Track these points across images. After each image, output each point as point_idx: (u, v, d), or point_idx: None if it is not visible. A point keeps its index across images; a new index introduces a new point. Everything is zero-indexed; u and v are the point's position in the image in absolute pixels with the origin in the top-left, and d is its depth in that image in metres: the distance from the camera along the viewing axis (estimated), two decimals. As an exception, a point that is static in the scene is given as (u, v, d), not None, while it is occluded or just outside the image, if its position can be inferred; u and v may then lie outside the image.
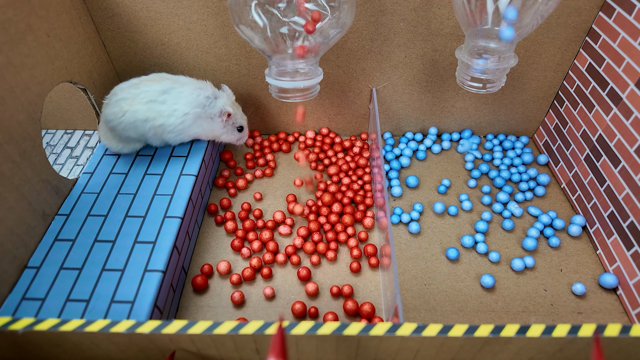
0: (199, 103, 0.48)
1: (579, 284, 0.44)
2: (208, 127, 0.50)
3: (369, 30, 0.51)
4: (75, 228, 0.42)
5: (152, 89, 0.47)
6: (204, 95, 0.48)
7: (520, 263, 0.46)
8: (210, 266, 0.46)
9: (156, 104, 0.47)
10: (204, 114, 0.49)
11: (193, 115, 0.48)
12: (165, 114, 0.47)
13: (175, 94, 0.47)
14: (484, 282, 0.45)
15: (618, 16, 0.45)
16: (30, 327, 0.27)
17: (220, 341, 0.27)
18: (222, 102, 0.49)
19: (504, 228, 0.51)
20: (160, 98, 0.47)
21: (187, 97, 0.47)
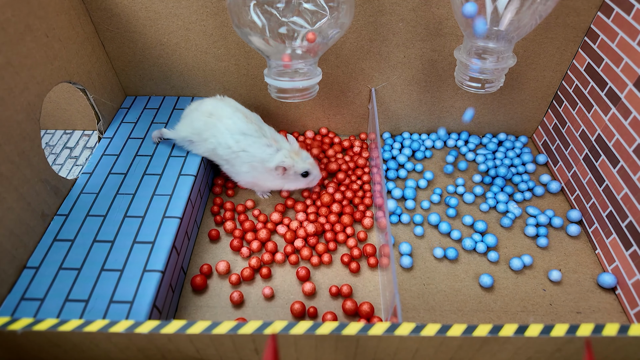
0: (261, 159, 0.48)
1: (555, 271, 0.45)
2: (267, 178, 0.50)
3: (368, 30, 0.51)
4: (75, 228, 0.42)
5: (237, 125, 0.48)
6: (268, 152, 0.48)
7: (519, 263, 0.46)
8: (209, 266, 0.46)
9: (231, 140, 0.48)
10: (261, 168, 0.49)
11: (249, 167, 0.49)
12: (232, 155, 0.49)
13: (249, 141, 0.48)
14: (482, 282, 0.45)
15: (617, 16, 0.45)
16: (29, 327, 0.27)
17: (219, 341, 0.27)
18: (281, 155, 0.48)
19: (503, 227, 0.51)
20: (236, 137, 0.48)
21: (255, 150, 0.48)
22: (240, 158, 0.48)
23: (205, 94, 0.59)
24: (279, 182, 0.50)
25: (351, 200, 0.53)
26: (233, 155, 0.48)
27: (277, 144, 0.49)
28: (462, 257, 0.48)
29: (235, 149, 0.48)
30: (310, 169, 0.50)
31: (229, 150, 0.48)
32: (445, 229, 0.50)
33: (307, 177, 0.50)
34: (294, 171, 0.49)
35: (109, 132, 0.53)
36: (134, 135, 0.52)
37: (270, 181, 0.50)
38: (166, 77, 0.57)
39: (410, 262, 0.46)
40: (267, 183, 0.50)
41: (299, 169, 0.49)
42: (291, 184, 0.50)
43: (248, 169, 0.49)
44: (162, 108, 0.57)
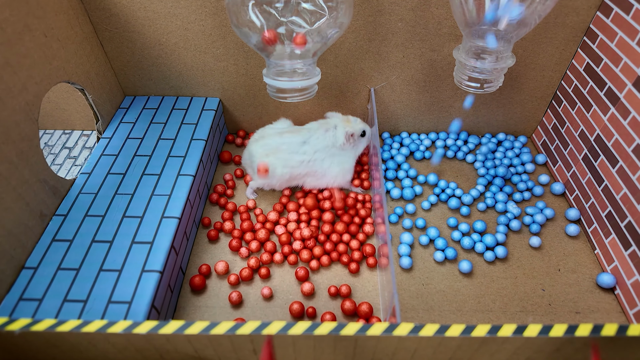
0: (333, 144, 0.51)
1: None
2: (348, 155, 0.52)
3: (367, 30, 0.51)
4: (73, 228, 0.42)
5: (291, 140, 0.51)
6: (331, 134, 0.51)
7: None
8: (208, 266, 0.46)
9: (298, 155, 0.50)
10: (338, 151, 0.51)
11: (330, 161, 0.51)
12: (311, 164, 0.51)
13: (313, 142, 0.51)
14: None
15: (616, 16, 0.45)
16: (27, 328, 0.27)
17: (217, 341, 0.27)
18: (341, 129, 0.51)
19: (502, 228, 0.51)
20: (302, 149, 0.50)
21: (322, 143, 0.51)
22: (319, 160, 0.51)
23: (205, 93, 0.59)
24: (354, 152, 0.53)
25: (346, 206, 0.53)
26: (311, 164, 0.51)
27: (326, 125, 0.51)
28: (461, 257, 0.48)
29: (308, 157, 0.50)
30: (365, 128, 0.52)
31: (305, 163, 0.50)
32: (444, 229, 0.50)
33: (364, 135, 0.53)
34: (356, 135, 0.51)
35: (108, 132, 0.53)
36: (133, 135, 0.52)
37: (351, 157, 0.52)
38: (165, 77, 0.57)
39: (409, 262, 0.46)
40: (351, 161, 0.52)
41: (358, 129, 0.51)
42: (359, 148, 0.53)
43: (330, 163, 0.51)
44: (161, 108, 0.57)
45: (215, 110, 0.57)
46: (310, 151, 0.50)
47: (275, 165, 0.50)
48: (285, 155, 0.50)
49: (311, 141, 0.50)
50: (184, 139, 0.52)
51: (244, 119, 0.62)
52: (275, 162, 0.50)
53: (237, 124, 0.63)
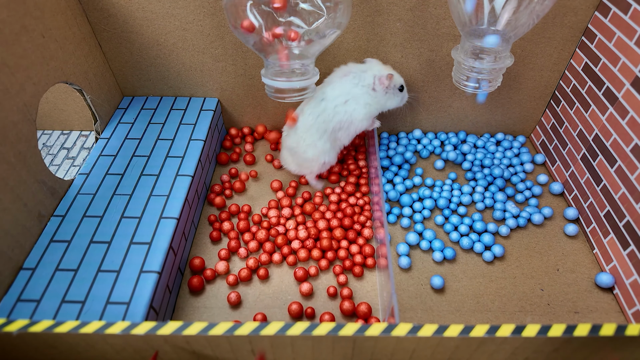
0: (368, 84, 0.49)
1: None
2: (373, 101, 0.49)
3: (365, 30, 0.51)
4: (71, 229, 0.42)
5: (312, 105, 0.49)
6: (351, 78, 0.49)
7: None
8: (204, 264, 0.46)
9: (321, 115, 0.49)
10: (367, 90, 0.49)
11: (363, 103, 0.49)
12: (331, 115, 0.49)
13: (329, 91, 0.49)
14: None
15: (614, 16, 0.45)
16: (25, 329, 0.27)
17: (215, 342, 0.27)
18: (375, 69, 0.49)
19: (501, 228, 0.51)
20: (321, 106, 0.49)
21: (341, 89, 0.49)
22: (340, 106, 0.49)
23: (203, 94, 0.58)
24: (383, 101, 0.50)
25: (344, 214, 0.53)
26: (336, 116, 0.49)
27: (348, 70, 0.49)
28: (460, 257, 0.48)
29: (341, 100, 0.48)
30: (403, 82, 0.51)
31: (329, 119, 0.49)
32: (442, 229, 0.50)
33: (402, 91, 0.51)
34: (393, 84, 0.49)
35: (106, 133, 0.53)
36: (131, 136, 0.52)
37: (380, 103, 0.50)
38: (163, 78, 0.57)
39: (408, 262, 0.46)
40: (379, 106, 0.50)
41: (396, 81, 0.50)
42: (392, 101, 0.51)
43: (355, 105, 0.49)
44: (159, 108, 0.57)
45: (213, 110, 0.57)
46: (330, 105, 0.49)
47: (314, 141, 0.49)
48: (318, 126, 0.49)
49: (327, 94, 0.49)
50: (182, 139, 0.52)
51: (243, 119, 0.62)
52: (307, 137, 0.49)
53: (235, 124, 0.63)
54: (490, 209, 0.53)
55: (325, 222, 0.49)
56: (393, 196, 0.54)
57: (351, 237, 0.48)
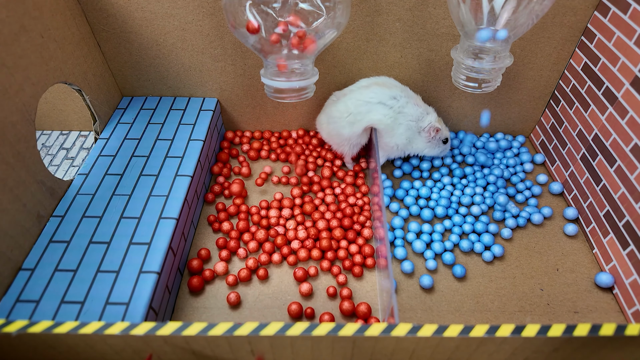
0: (416, 116, 0.52)
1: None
2: (413, 139, 0.53)
3: (364, 30, 0.51)
4: (70, 229, 0.42)
5: (383, 92, 0.51)
6: (420, 110, 0.52)
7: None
8: (205, 265, 0.46)
9: (384, 107, 0.51)
10: (415, 127, 0.52)
11: (405, 127, 0.52)
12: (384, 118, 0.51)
13: (402, 102, 0.51)
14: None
15: (613, 15, 0.45)
16: (24, 330, 0.27)
17: (215, 342, 0.27)
18: (432, 117, 0.52)
19: (503, 231, 0.51)
20: (389, 102, 0.51)
21: (409, 110, 0.51)
22: (398, 119, 0.51)
23: (202, 94, 0.58)
24: (422, 145, 0.53)
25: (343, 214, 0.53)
26: (392, 119, 0.51)
27: (425, 107, 0.52)
28: (459, 258, 0.48)
29: (395, 110, 0.51)
30: (449, 136, 0.54)
31: (390, 112, 0.51)
32: (442, 229, 0.50)
33: (445, 144, 0.54)
34: (438, 136, 0.52)
35: (106, 133, 0.53)
36: (131, 136, 0.52)
37: (417, 143, 0.53)
38: (163, 78, 0.57)
39: (407, 263, 0.46)
40: (414, 145, 0.53)
41: (444, 135, 0.53)
42: (432, 149, 0.54)
43: (404, 130, 0.51)
44: (158, 108, 0.57)
45: (213, 110, 0.57)
46: (396, 107, 0.51)
47: (355, 121, 0.51)
48: (367, 106, 0.51)
49: (401, 101, 0.51)
50: (181, 139, 0.52)
51: (242, 119, 0.62)
52: (355, 118, 0.51)
53: (235, 124, 0.63)
54: (490, 208, 0.53)
55: (324, 222, 0.49)
56: (392, 196, 0.54)
57: (351, 237, 0.48)
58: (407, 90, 0.52)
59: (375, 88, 0.51)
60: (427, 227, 0.51)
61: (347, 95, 0.52)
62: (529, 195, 0.54)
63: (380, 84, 0.52)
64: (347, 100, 0.52)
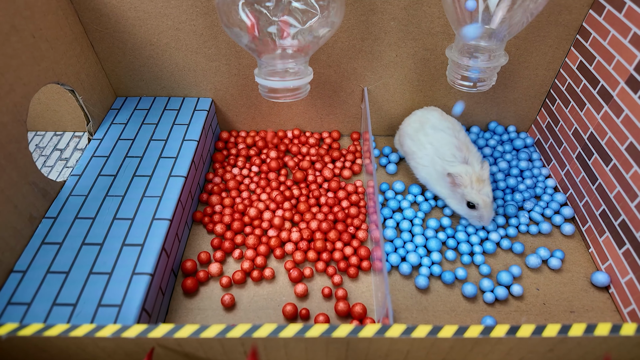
0: (443, 157, 0.48)
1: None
2: (439, 181, 0.49)
3: (359, 29, 0.51)
4: (63, 231, 0.42)
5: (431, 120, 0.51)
6: (452, 153, 0.47)
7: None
8: (197, 266, 0.46)
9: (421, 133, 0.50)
10: (439, 166, 0.48)
11: (430, 160, 0.49)
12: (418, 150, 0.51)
13: (438, 137, 0.49)
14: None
15: (608, 14, 0.45)
16: (14, 333, 0.26)
17: (208, 345, 0.27)
18: (462, 169, 0.46)
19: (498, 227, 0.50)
20: (427, 130, 0.50)
21: (442, 148, 0.48)
22: (426, 149, 0.50)
23: (197, 94, 0.58)
24: (445, 191, 0.48)
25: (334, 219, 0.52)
26: (419, 147, 0.50)
27: (469, 155, 0.47)
28: (457, 257, 0.48)
29: (423, 141, 0.50)
30: (479, 204, 0.45)
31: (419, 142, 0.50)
32: (438, 228, 0.50)
33: (471, 209, 0.46)
34: (461, 192, 0.46)
35: (99, 134, 0.52)
36: (124, 137, 0.52)
37: (439, 186, 0.49)
38: (157, 78, 0.56)
39: (408, 267, 0.46)
40: (436, 186, 0.50)
41: (466, 194, 0.45)
42: (454, 203, 0.48)
43: (428, 162, 0.49)
44: (152, 109, 0.56)
45: (207, 110, 0.56)
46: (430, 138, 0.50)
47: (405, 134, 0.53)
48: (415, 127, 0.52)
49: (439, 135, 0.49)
50: (175, 139, 0.52)
51: (237, 119, 0.62)
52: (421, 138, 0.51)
53: (230, 124, 0.63)
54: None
55: (319, 223, 0.49)
56: (389, 197, 0.53)
57: (346, 239, 0.48)
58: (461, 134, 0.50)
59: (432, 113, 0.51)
60: (423, 228, 0.50)
61: None
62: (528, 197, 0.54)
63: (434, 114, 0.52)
64: None
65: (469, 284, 0.44)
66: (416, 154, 0.51)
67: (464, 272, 0.45)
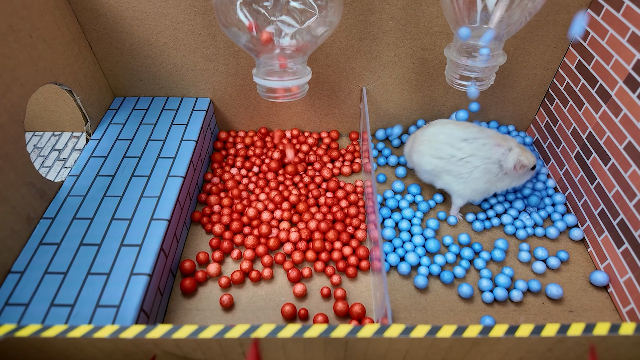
0: (497, 160, 0.47)
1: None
2: (502, 179, 0.48)
3: (357, 29, 0.51)
4: (61, 231, 0.42)
5: (454, 134, 0.48)
6: (501, 151, 0.47)
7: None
8: (195, 266, 0.46)
9: (452, 149, 0.48)
10: (496, 169, 0.47)
11: (483, 171, 0.47)
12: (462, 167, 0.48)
13: (476, 145, 0.47)
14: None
15: (606, 13, 0.45)
16: (11, 334, 0.26)
17: (206, 345, 0.27)
18: (515, 153, 0.47)
19: (497, 227, 0.50)
20: (458, 145, 0.48)
21: (486, 152, 0.47)
22: (471, 163, 0.47)
23: (195, 94, 0.58)
24: (508, 181, 0.49)
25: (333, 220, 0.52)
26: (460, 164, 0.48)
27: (506, 142, 0.47)
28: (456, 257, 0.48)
29: (460, 156, 0.47)
30: (536, 162, 0.49)
31: (454, 159, 0.48)
32: (435, 227, 0.50)
33: (533, 170, 0.49)
34: (527, 167, 0.47)
35: (97, 134, 0.52)
36: (123, 137, 0.52)
37: (502, 182, 0.49)
38: (155, 78, 0.56)
39: (407, 267, 0.46)
40: (498, 185, 0.49)
41: (531, 162, 0.48)
42: (519, 180, 0.49)
43: (481, 173, 0.48)
44: (150, 109, 0.56)
45: (205, 110, 0.56)
46: (467, 150, 0.47)
47: (424, 152, 0.49)
48: (437, 145, 0.48)
49: (475, 142, 0.47)
50: (174, 139, 0.52)
51: (236, 119, 0.62)
52: (424, 150, 0.49)
53: (228, 124, 0.62)
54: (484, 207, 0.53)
55: (318, 223, 0.49)
56: (387, 197, 0.53)
57: (344, 239, 0.48)
58: (485, 130, 0.49)
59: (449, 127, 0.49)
60: (422, 228, 0.50)
61: None
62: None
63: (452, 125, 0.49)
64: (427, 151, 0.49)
65: (467, 284, 0.44)
66: (456, 170, 0.48)
67: (463, 272, 0.45)
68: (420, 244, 0.48)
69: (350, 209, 0.51)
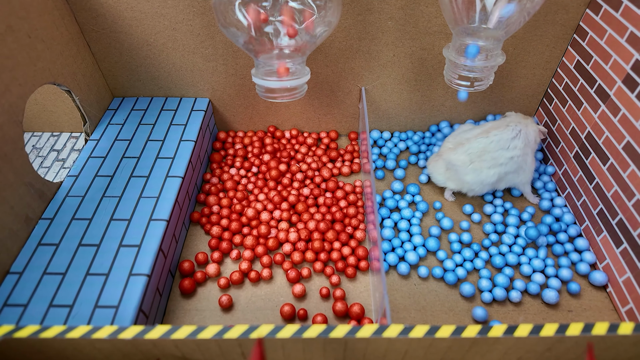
0: (529, 140, 0.50)
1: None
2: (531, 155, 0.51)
3: (356, 29, 0.51)
4: (60, 232, 0.42)
5: (501, 137, 0.49)
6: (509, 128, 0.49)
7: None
8: (195, 267, 0.46)
9: (508, 151, 0.49)
10: (534, 144, 0.50)
11: (530, 150, 0.50)
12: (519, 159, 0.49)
13: (523, 136, 0.49)
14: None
15: (605, 13, 0.45)
16: (9, 335, 0.26)
17: (205, 346, 0.27)
18: (532, 126, 0.50)
19: (496, 227, 0.50)
20: (512, 144, 0.49)
21: (504, 135, 0.49)
22: (524, 155, 0.49)
23: (194, 94, 0.58)
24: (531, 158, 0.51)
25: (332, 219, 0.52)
26: (519, 160, 0.49)
27: (520, 119, 0.50)
28: (455, 257, 0.48)
29: (517, 153, 0.49)
30: None
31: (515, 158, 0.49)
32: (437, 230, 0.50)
33: None
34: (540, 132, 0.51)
35: (96, 134, 0.52)
36: (121, 137, 0.52)
37: (529, 160, 0.50)
38: (154, 78, 0.56)
39: (406, 267, 0.46)
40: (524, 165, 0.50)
41: (543, 129, 0.52)
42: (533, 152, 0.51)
43: (531, 159, 0.50)
44: (149, 109, 0.56)
45: (204, 110, 0.56)
46: (520, 145, 0.49)
47: (480, 168, 0.49)
48: (493, 154, 0.49)
49: (522, 135, 0.49)
50: (172, 140, 0.52)
51: (235, 119, 0.62)
52: (481, 166, 0.49)
53: (227, 124, 0.62)
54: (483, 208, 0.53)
55: (317, 223, 0.49)
56: (386, 196, 0.53)
57: (344, 239, 0.48)
58: (514, 116, 0.51)
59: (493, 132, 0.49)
60: (421, 228, 0.50)
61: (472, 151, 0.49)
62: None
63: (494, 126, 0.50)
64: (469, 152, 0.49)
65: (467, 284, 0.44)
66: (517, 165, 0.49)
67: (463, 272, 0.45)
68: (420, 244, 0.48)
69: (350, 209, 0.51)
